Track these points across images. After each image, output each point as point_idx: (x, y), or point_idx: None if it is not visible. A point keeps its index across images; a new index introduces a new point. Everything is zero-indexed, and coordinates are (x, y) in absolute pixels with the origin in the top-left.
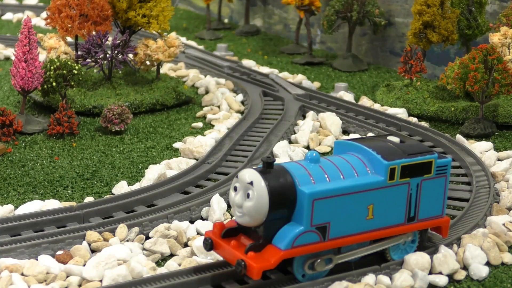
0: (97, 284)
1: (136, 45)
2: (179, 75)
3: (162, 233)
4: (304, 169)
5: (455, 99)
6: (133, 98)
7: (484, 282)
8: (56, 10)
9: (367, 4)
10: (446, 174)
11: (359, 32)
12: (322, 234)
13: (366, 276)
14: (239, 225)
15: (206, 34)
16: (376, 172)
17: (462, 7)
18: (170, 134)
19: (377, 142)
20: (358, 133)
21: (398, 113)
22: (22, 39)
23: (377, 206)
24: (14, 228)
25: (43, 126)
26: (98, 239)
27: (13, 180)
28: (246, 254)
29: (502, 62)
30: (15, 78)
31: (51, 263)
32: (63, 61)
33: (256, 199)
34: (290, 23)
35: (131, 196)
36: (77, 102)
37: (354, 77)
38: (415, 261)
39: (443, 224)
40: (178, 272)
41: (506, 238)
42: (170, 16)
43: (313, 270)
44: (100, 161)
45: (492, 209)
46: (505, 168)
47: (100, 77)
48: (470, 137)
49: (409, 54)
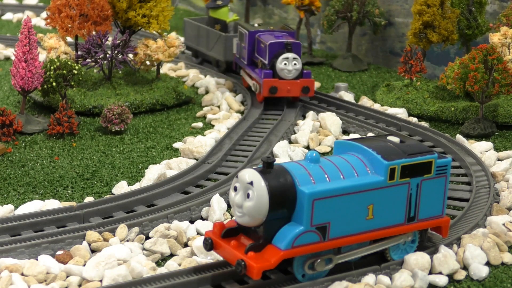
0: (97, 284)
1: (136, 45)
2: (179, 75)
3: (162, 233)
4: (304, 169)
5: (455, 99)
6: (133, 98)
7: (484, 282)
8: (56, 10)
9: (367, 4)
10: (446, 174)
11: (359, 32)
12: (322, 234)
13: (366, 276)
14: (239, 225)
15: None
16: (376, 172)
17: (462, 7)
18: (170, 134)
19: (377, 142)
20: (358, 133)
21: (398, 113)
22: (22, 39)
23: (377, 206)
24: (14, 228)
25: (43, 126)
26: (98, 239)
27: (13, 180)
28: (246, 254)
29: (502, 62)
30: (15, 78)
31: (51, 263)
32: (63, 61)
33: (256, 199)
34: (290, 23)
35: (131, 196)
36: (77, 102)
37: (354, 77)
38: (415, 261)
39: (443, 224)
40: (178, 272)
41: (506, 238)
42: (170, 16)
43: (313, 270)
44: (100, 161)
45: (492, 209)
46: (505, 168)
47: (100, 77)
48: (470, 137)
49: (409, 54)
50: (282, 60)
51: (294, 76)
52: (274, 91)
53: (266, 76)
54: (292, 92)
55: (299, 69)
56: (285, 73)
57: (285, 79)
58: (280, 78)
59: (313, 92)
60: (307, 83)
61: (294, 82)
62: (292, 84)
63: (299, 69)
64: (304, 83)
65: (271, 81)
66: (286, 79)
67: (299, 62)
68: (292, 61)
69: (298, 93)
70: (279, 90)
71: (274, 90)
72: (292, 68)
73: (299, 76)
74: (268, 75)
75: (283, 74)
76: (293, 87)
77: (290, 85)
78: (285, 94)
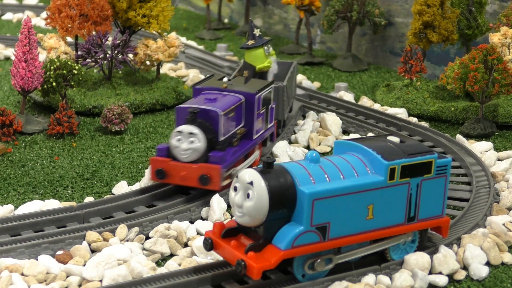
0: (97, 284)
1: (136, 45)
2: (179, 75)
3: (162, 233)
4: (304, 169)
5: (455, 99)
6: (133, 98)
7: (484, 282)
8: (56, 10)
9: (367, 4)
10: (446, 174)
11: (359, 32)
12: (322, 234)
13: (366, 276)
14: (239, 225)
15: (206, 34)
16: (376, 172)
17: (462, 7)
18: (170, 134)
19: (377, 142)
20: (358, 133)
21: (398, 113)
22: (22, 39)
23: (377, 206)
24: (14, 228)
25: (43, 126)
26: (98, 239)
27: (13, 180)
28: (246, 254)
29: (502, 62)
30: (15, 78)
31: (51, 263)
32: (63, 61)
33: (256, 199)
34: (290, 23)
35: (131, 196)
36: (77, 102)
37: (354, 77)
38: (415, 261)
39: (443, 224)
40: (178, 272)
41: (506, 238)
42: (170, 16)
43: (313, 270)
44: (100, 161)
45: (492, 209)
46: (505, 168)
47: (100, 77)
48: (470, 137)
49: (409, 54)
50: (175, 135)
51: (191, 159)
52: (161, 175)
53: (158, 153)
54: (187, 180)
55: (198, 149)
56: (178, 152)
57: (179, 161)
58: (173, 159)
59: (217, 184)
60: (207, 170)
61: (190, 167)
62: (188, 169)
63: (198, 150)
64: (204, 170)
65: (160, 161)
66: (180, 161)
67: (201, 139)
68: (188, 137)
69: (194, 182)
70: (169, 176)
71: (161, 174)
72: (188, 147)
73: (202, 159)
74: (162, 151)
75: (177, 154)
76: (190, 173)
77: (186, 169)
78: (178, 182)
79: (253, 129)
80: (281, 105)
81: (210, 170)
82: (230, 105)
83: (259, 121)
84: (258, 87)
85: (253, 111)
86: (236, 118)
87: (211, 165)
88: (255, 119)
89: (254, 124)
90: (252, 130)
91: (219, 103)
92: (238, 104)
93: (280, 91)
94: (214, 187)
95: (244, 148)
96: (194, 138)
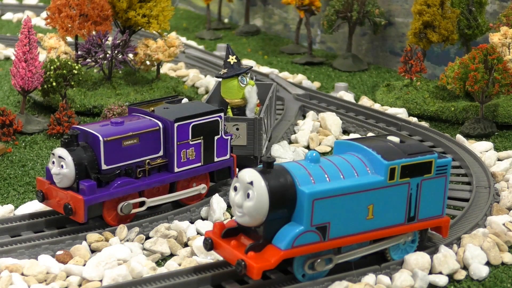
0: (97, 284)
1: (136, 45)
2: (179, 75)
3: (162, 233)
4: (304, 169)
5: (455, 99)
6: (133, 98)
7: (484, 282)
8: (56, 10)
9: (367, 4)
10: (446, 174)
11: (359, 32)
12: (322, 234)
13: (366, 276)
14: (239, 225)
15: (206, 34)
16: (376, 172)
17: (462, 7)
18: None
19: (377, 142)
20: (358, 133)
21: (398, 113)
22: (22, 39)
23: (377, 206)
24: (14, 228)
25: (43, 126)
26: (99, 238)
27: (13, 180)
28: (246, 254)
29: (502, 62)
30: (15, 78)
31: (51, 263)
32: (63, 61)
33: (256, 199)
34: (290, 23)
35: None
36: (77, 102)
37: (354, 77)
38: (415, 261)
39: (443, 224)
40: (178, 272)
41: (506, 238)
42: (170, 16)
43: (313, 270)
44: None
45: (492, 209)
46: (505, 168)
47: (100, 77)
48: (470, 137)
49: (409, 54)
50: (51, 156)
51: (62, 185)
52: (41, 198)
53: (46, 173)
54: (60, 208)
55: (67, 175)
56: (53, 176)
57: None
58: (52, 182)
59: (81, 217)
60: (71, 200)
61: (61, 193)
62: (60, 196)
63: (67, 176)
64: (69, 199)
65: (42, 182)
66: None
67: (69, 165)
68: (59, 161)
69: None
70: (48, 199)
71: (41, 196)
72: (58, 172)
73: (73, 186)
74: (48, 172)
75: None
76: (60, 200)
77: (58, 195)
78: (54, 207)
79: (174, 161)
80: (257, 140)
81: (74, 201)
82: (128, 131)
83: (187, 152)
84: (187, 113)
85: (173, 141)
86: (147, 146)
87: (76, 195)
88: (175, 150)
89: (174, 155)
90: (173, 162)
91: (115, 127)
92: (148, 131)
93: (257, 125)
94: (78, 219)
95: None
96: (63, 162)
